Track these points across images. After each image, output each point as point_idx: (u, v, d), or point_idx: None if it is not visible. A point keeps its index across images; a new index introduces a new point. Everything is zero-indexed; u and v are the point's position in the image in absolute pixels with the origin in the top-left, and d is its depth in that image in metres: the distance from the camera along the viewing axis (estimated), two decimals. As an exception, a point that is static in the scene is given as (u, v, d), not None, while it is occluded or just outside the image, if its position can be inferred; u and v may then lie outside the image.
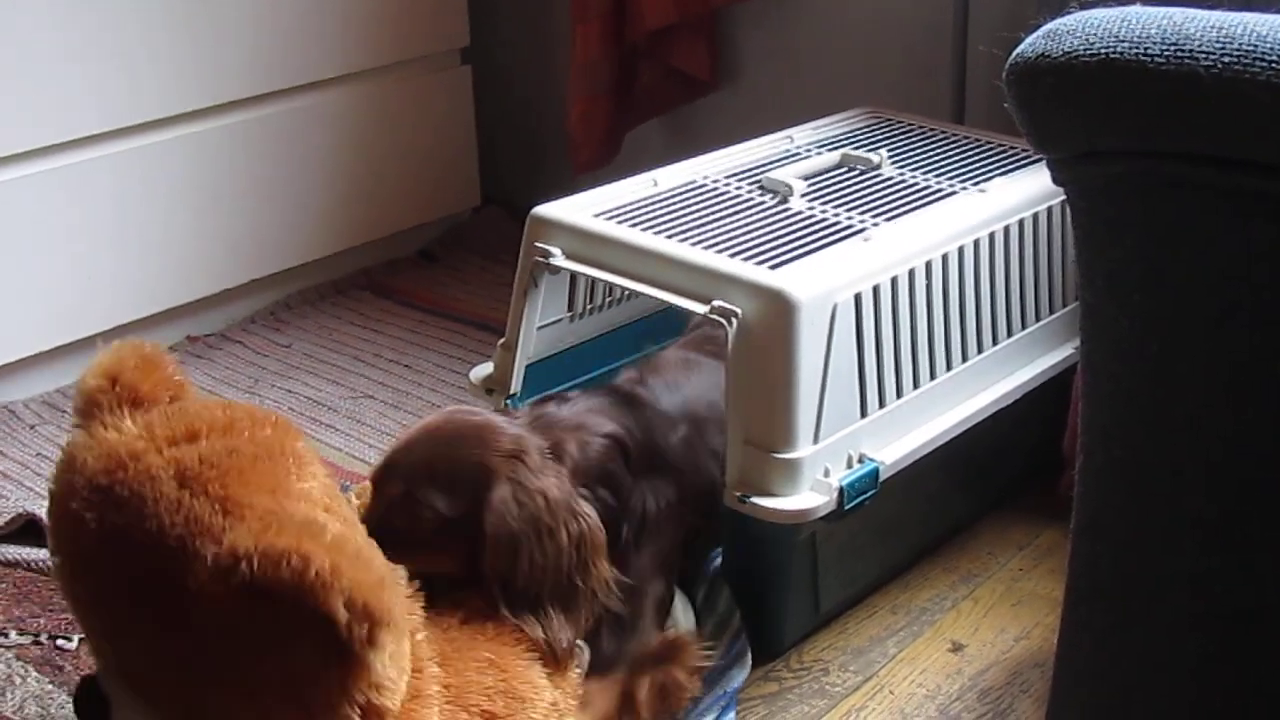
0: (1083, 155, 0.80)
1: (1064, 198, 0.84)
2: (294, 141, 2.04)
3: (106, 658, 1.02)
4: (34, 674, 1.31)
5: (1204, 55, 0.73)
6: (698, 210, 1.44)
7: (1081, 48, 0.77)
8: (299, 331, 2.03)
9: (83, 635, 1.34)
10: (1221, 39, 0.73)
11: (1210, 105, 0.73)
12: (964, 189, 1.48)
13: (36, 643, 1.35)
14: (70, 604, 1.05)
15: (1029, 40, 0.80)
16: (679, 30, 2.03)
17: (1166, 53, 0.74)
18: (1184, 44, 0.74)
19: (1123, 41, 0.76)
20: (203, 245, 1.96)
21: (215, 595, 0.91)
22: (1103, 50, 0.76)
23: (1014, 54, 0.81)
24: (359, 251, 2.19)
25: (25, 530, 1.50)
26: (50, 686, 1.29)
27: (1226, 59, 0.72)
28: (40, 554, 1.47)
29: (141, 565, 0.95)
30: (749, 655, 1.28)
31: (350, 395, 1.84)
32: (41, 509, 1.50)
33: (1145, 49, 0.75)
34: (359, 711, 0.97)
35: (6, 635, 1.36)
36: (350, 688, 0.96)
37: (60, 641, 1.35)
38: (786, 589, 1.30)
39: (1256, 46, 0.72)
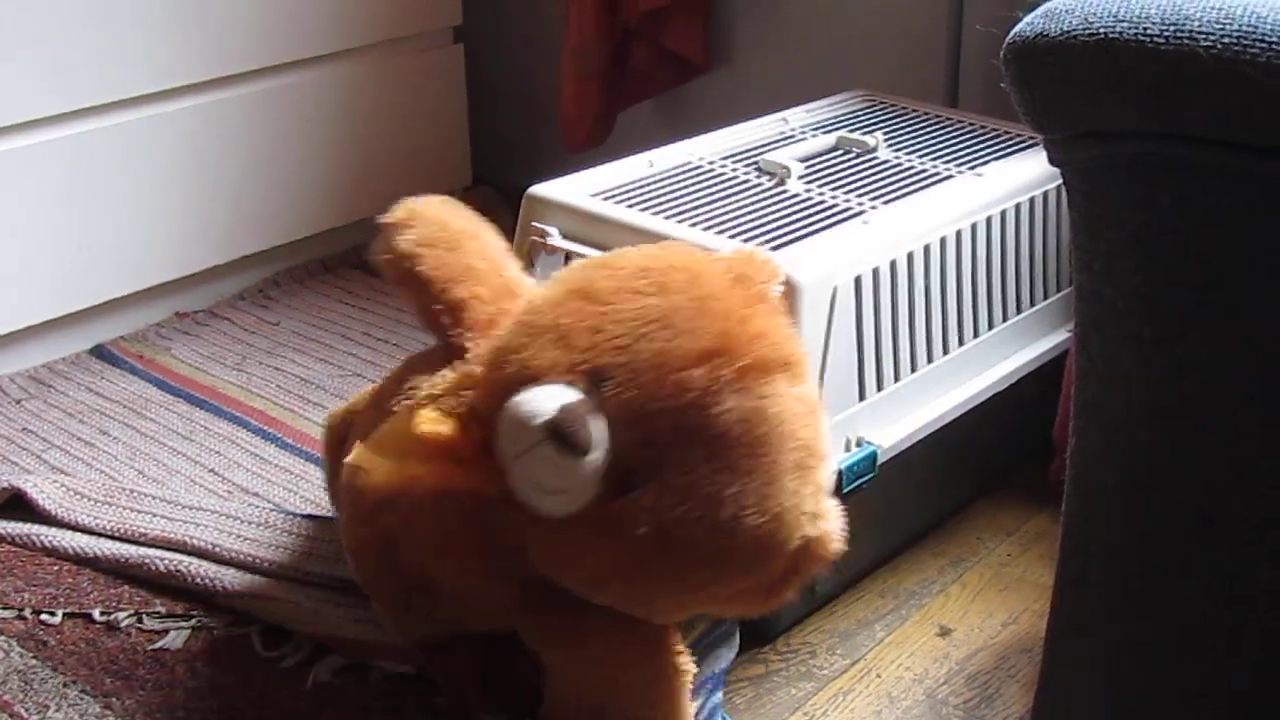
0: (1080, 136, 0.79)
1: (1060, 182, 0.83)
2: (284, 118, 2.02)
3: None
4: (17, 648, 1.30)
5: (1203, 36, 0.72)
6: (695, 191, 1.43)
7: (1080, 27, 0.76)
8: (288, 309, 2.02)
9: (68, 610, 1.35)
10: (1221, 19, 0.73)
11: (1209, 86, 0.72)
12: (960, 173, 1.47)
13: (20, 617, 1.34)
14: None
15: (1027, 19, 0.80)
16: (673, 12, 2.01)
17: (1166, 33, 0.73)
18: (1184, 24, 0.73)
19: (1122, 21, 0.75)
20: (192, 221, 1.95)
21: None
22: (1102, 30, 0.76)
23: (1012, 33, 0.80)
24: (349, 229, 2.18)
25: (11, 504, 1.49)
26: (34, 661, 1.28)
27: (1226, 40, 0.72)
28: (26, 528, 1.46)
29: None
30: (736, 635, 1.28)
31: (339, 374, 1.84)
32: (28, 483, 1.49)
33: (1144, 29, 0.74)
34: None
35: (-10, 609, 1.35)
36: None
37: (44, 616, 1.34)
38: (777, 572, 1.29)
39: (1257, 27, 0.71)
